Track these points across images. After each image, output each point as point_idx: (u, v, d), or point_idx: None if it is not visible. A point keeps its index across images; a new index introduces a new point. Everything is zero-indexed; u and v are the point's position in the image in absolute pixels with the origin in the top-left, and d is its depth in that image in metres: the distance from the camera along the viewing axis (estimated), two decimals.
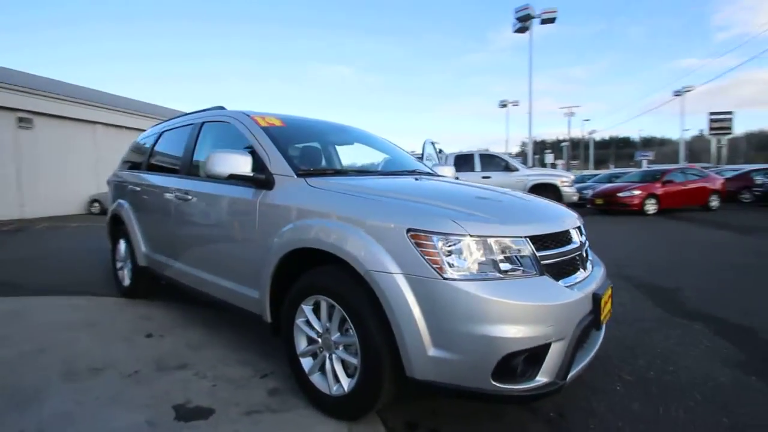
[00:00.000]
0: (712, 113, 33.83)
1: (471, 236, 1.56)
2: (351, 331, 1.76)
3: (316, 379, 1.93)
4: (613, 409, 1.95)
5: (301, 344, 2.00)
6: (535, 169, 11.60)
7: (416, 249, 1.55)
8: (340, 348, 1.82)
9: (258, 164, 2.25)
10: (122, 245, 3.82)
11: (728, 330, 2.90)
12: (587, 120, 67.09)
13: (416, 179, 2.38)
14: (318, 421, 1.84)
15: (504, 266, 1.56)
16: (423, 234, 1.56)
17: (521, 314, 1.49)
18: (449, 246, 1.55)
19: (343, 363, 1.83)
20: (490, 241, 1.56)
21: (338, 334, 1.82)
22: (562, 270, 1.73)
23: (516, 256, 1.59)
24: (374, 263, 1.61)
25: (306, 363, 1.98)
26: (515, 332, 1.47)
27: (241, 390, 2.13)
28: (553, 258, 1.70)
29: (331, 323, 1.84)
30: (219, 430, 1.79)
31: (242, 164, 2.19)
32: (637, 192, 11.27)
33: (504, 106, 37.28)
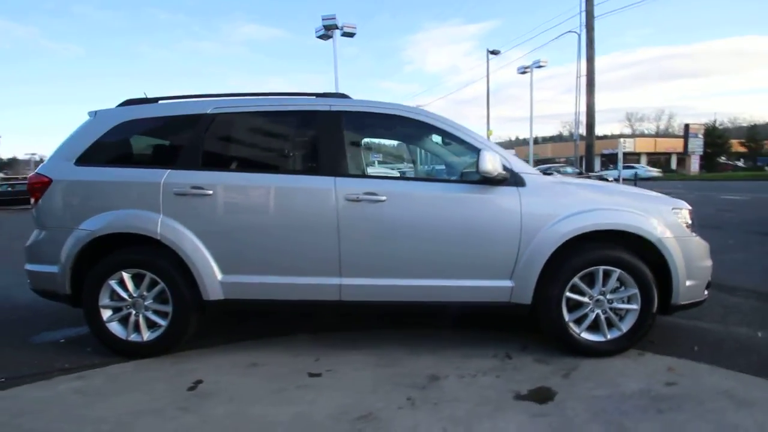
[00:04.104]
0: None
1: (689, 210, 2.56)
2: (623, 287, 2.42)
3: (586, 335, 2.44)
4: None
5: (566, 312, 2.43)
6: None
7: (679, 220, 2.43)
8: (614, 302, 2.43)
9: None
10: (127, 281, 2.51)
11: None
12: None
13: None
14: (612, 359, 2.38)
15: None
16: (679, 210, 2.46)
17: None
18: (687, 216, 2.50)
19: (615, 312, 2.44)
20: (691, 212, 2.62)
21: (611, 293, 2.42)
22: None
23: None
24: (662, 233, 2.37)
25: (575, 326, 2.43)
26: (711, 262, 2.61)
27: (522, 371, 2.31)
28: None
29: (607, 285, 2.41)
30: (574, 393, 2.05)
31: (501, 162, 2.33)
32: None
33: None
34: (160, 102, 2.76)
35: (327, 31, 16.48)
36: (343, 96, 2.69)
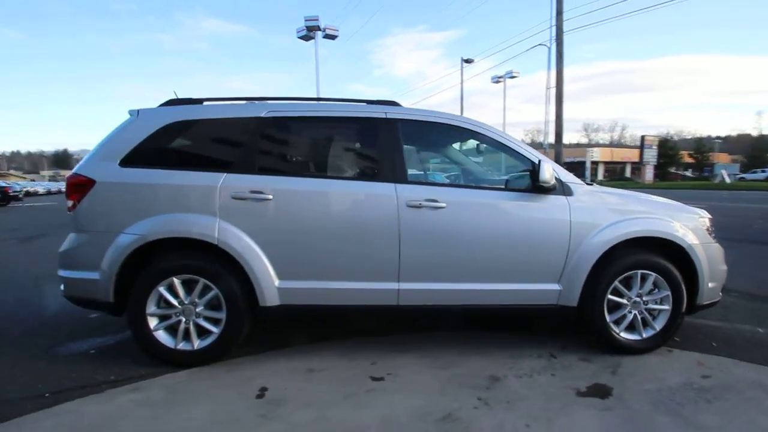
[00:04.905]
0: None
1: (709, 218, 2.82)
2: (657, 290, 2.63)
3: (625, 334, 2.63)
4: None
5: (607, 313, 2.61)
6: None
7: (704, 228, 2.68)
8: (649, 303, 2.63)
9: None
10: (177, 288, 2.45)
11: None
12: None
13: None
14: (648, 356, 2.58)
15: None
16: (703, 219, 2.71)
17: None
18: (708, 223, 2.76)
19: (649, 312, 2.64)
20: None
21: (646, 295, 2.62)
22: None
23: None
24: (692, 240, 2.60)
25: (615, 326, 2.61)
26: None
27: (572, 369, 2.46)
28: None
29: (643, 288, 2.61)
30: (628, 388, 2.22)
31: (553, 174, 2.48)
32: None
33: None
34: (205, 103, 2.71)
35: (309, 32, 16.37)
36: (395, 103, 2.76)
